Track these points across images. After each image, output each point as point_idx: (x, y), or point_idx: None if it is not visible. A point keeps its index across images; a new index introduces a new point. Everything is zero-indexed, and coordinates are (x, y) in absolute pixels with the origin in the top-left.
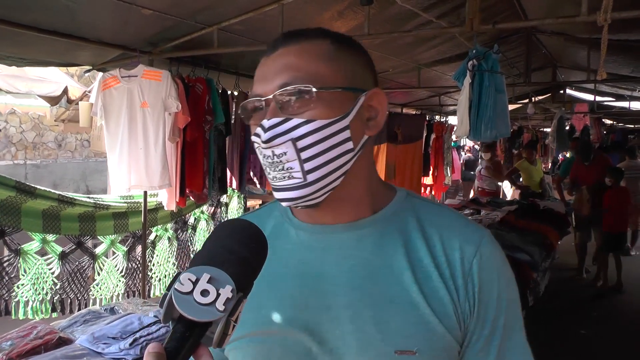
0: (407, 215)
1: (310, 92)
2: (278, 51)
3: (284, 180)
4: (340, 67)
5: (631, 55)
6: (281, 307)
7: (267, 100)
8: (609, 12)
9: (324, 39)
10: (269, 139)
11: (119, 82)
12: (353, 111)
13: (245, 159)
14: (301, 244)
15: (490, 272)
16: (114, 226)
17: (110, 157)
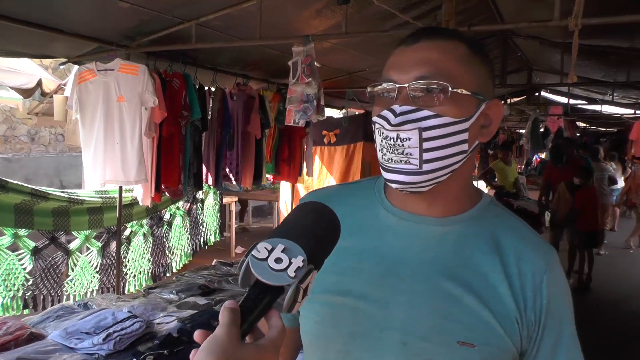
0: (487, 221)
1: (445, 90)
2: (418, 44)
3: (400, 163)
4: (472, 72)
5: (602, 60)
6: (359, 279)
7: (401, 87)
8: (580, 18)
9: (462, 42)
10: (399, 123)
11: (95, 75)
12: (475, 116)
13: (222, 155)
14: (389, 226)
15: (558, 287)
16: (89, 221)
17: (85, 151)
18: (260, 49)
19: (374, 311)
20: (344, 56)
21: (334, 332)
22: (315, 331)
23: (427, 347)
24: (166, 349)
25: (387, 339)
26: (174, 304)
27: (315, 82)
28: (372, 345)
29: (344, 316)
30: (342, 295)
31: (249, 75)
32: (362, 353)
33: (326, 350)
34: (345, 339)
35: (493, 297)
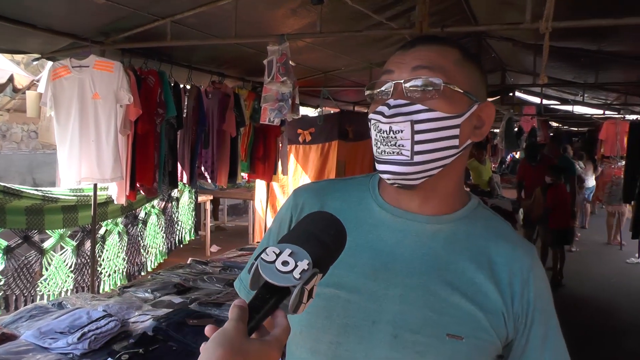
0: (476, 222)
1: (437, 84)
2: (415, 48)
3: (393, 155)
4: (466, 73)
5: (573, 62)
6: (352, 272)
7: (397, 84)
8: (550, 21)
9: (457, 48)
10: (392, 115)
11: (69, 72)
12: (466, 114)
13: (197, 153)
14: (382, 222)
15: (542, 281)
16: (63, 220)
17: (60, 149)
18: (235, 47)
19: (366, 304)
20: (319, 55)
21: (326, 323)
22: (307, 322)
23: (417, 339)
24: (141, 348)
25: (378, 331)
26: (149, 303)
27: (290, 80)
28: (363, 337)
29: (337, 308)
30: (336, 287)
31: (224, 73)
32: (353, 345)
33: (317, 340)
34: (338, 330)
35: (480, 293)
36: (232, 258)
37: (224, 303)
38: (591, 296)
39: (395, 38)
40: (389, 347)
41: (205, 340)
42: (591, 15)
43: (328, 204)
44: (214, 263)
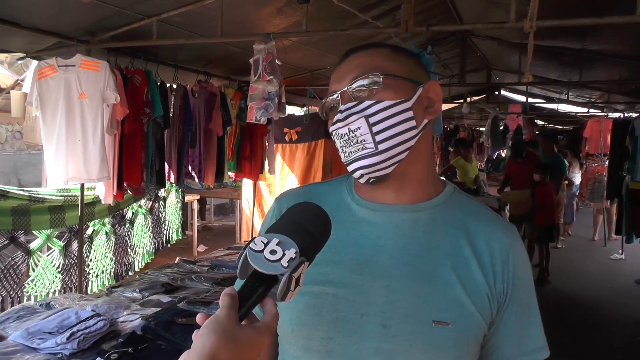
0: (454, 206)
1: (377, 79)
2: (348, 58)
3: (358, 152)
4: (399, 63)
5: (558, 60)
6: (338, 269)
7: (342, 92)
8: (535, 20)
9: (385, 47)
10: (345, 117)
11: (55, 71)
12: (414, 97)
13: (184, 153)
14: (362, 218)
15: (522, 260)
16: (50, 220)
17: (46, 149)
18: (221, 46)
19: (354, 298)
20: (305, 54)
21: (316, 319)
22: (297, 320)
23: (405, 328)
24: (131, 347)
25: (367, 323)
26: (138, 302)
27: (276, 79)
28: (353, 330)
29: (326, 304)
30: (323, 285)
31: (210, 72)
32: (344, 338)
33: (309, 337)
34: (328, 325)
35: (464, 276)
36: (220, 257)
37: (212, 302)
38: (576, 292)
39: (380, 37)
40: (378, 337)
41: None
42: (575, 14)
43: None
44: (201, 262)
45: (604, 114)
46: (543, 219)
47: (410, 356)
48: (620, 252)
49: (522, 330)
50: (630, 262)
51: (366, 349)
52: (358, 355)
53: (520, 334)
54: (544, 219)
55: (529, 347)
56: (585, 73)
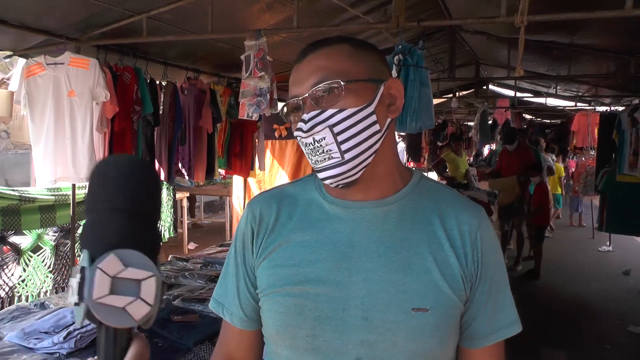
0: (422, 194)
1: (339, 86)
2: (307, 57)
3: (325, 161)
4: (360, 62)
5: (546, 55)
6: (316, 268)
7: (304, 98)
8: (526, 15)
9: (344, 42)
10: (310, 128)
11: (44, 69)
12: (376, 99)
13: (174, 150)
14: (335, 216)
15: (489, 240)
16: (41, 220)
17: (35, 148)
18: (210, 43)
19: (334, 294)
20: (295, 50)
21: (300, 319)
22: (281, 322)
23: (386, 317)
24: None
25: (349, 317)
26: None
27: (267, 75)
28: (337, 325)
29: (307, 303)
30: (302, 284)
31: (200, 69)
32: (328, 334)
33: (294, 337)
34: (312, 323)
35: (439, 260)
36: (213, 254)
37: (206, 299)
38: (565, 283)
39: (370, 32)
40: (362, 330)
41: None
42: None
43: (282, 210)
44: (194, 259)
45: (592, 108)
46: (540, 220)
47: (394, 344)
48: (608, 244)
49: (494, 307)
50: (618, 254)
51: (351, 342)
52: (343, 348)
53: (491, 311)
54: (541, 220)
55: (500, 323)
56: (574, 67)
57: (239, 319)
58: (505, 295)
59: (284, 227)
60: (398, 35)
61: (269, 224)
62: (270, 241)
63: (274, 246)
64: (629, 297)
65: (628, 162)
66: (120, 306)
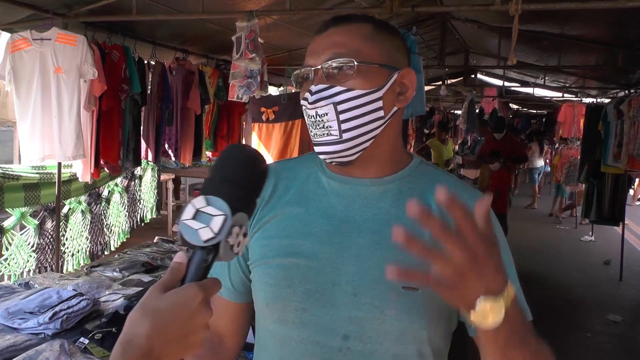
0: (420, 177)
1: (352, 65)
2: (328, 31)
3: (324, 136)
4: (378, 46)
5: (536, 45)
6: (308, 240)
7: (316, 70)
8: (520, 3)
9: (367, 22)
10: (315, 101)
11: (30, 44)
12: (386, 85)
13: (161, 131)
14: (331, 190)
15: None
16: (25, 198)
17: (21, 125)
18: (200, 24)
19: (325, 268)
20: (284, 33)
21: (289, 291)
22: (271, 293)
23: (375, 294)
24: (114, 327)
25: (339, 292)
26: (119, 282)
27: (258, 57)
28: (326, 300)
29: (298, 276)
30: (294, 256)
31: (188, 50)
32: (317, 309)
33: (283, 310)
34: (301, 296)
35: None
36: None
37: None
38: (547, 272)
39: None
40: (350, 306)
41: None
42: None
43: (280, 183)
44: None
45: (578, 99)
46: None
47: (382, 322)
48: (590, 234)
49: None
50: (599, 244)
51: (339, 318)
52: (331, 324)
53: None
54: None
55: None
56: (564, 58)
57: (225, 290)
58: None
59: (280, 200)
60: (390, 21)
61: (264, 196)
62: (265, 213)
63: (268, 217)
64: (609, 286)
65: (612, 153)
66: (195, 228)
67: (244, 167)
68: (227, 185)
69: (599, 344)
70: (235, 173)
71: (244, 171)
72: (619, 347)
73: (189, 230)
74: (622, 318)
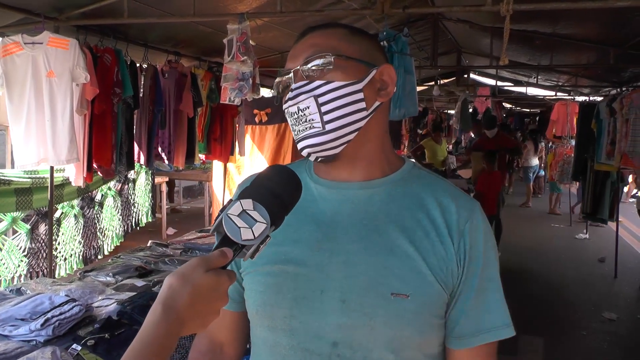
0: (412, 182)
1: (329, 59)
2: (305, 37)
3: (307, 130)
4: (355, 45)
5: (528, 44)
6: (297, 247)
7: (295, 71)
8: (511, 4)
9: (342, 27)
10: (295, 96)
11: (22, 48)
12: (366, 79)
13: (154, 134)
14: (319, 196)
15: (479, 234)
16: (17, 203)
17: (14, 129)
18: (192, 26)
19: (313, 275)
20: (276, 34)
21: (278, 298)
22: (261, 301)
23: (364, 301)
24: (107, 333)
25: (328, 299)
26: (112, 287)
27: (250, 60)
28: (315, 307)
29: (287, 283)
30: (283, 263)
31: (180, 52)
32: (306, 315)
33: (272, 317)
34: (290, 303)
35: (423, 247)
36: (192, 240)
37: None
38: (542, 270)
39: (354, 17)
40: (339, 312)
41: None
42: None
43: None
44: (174, 245)
45: (571, 98)
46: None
47: (371, 329)
48: (585, 231)
49: (481, 307)
50: (593, 242)
51: (328, 325)
52: (320, 331)
53: (479, 310)
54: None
55: (490, 323)
56: (556, 57)
57: None
58: (497, 295)
59: None
60: (382, 22)
61: None
62: None
63: None
64: (604, 284)
65: (605, 151)
66: (239, 226)
67: (291, 188)
68: (274, 198)
69: (594, 342)
70: (283, 190)
71: (289, 191)
72: (614, 344)
73: (232, 225)
74: (617, 316)
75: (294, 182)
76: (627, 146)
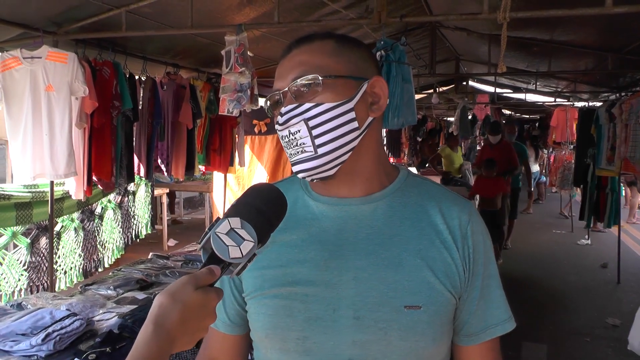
0: (410, 190)
1: (317, 81)
2: (291, 53)
3: (299, 154)
4: (343, 60)
5: (526, 51)
6: (304, 268)
7: (284, 92)
8: (508, 12)
9: (329, 39)
10: (285, 121)
11: (20, 63)
12: (357, 96)
13: (153, 146)
14: (321, 214)
15: (480, 235)
16: (17, 217)
17: (12, 144)
18: (190, 38)
19: (324, 294)
20: (274, 45)
21: (289, 321)
22: (270, 324)
23: (378, 316)
24: (109, 346)
25: (340, 317)
26: (113, 300)
27: (248, 71)
28: (327, 326)
29: (297, 304)
30: (291, 285)
31: (179, 64)
32: (319, 335)
33: (284, 339)
34: (302, 325)
35: (429, 257)
36: (193, 252)
37: None
38: (544, 276)
39: (351, 27)
40: (353, 330)
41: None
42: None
43: None
44: (175, 257)
45: (570, 103)
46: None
47: (387, 343)
48: (586, 237)
49: (486, 304)
50: (595, 247)
51: (342, 342)
52: (335, 350)
53: (484, 308)
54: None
55: (497, 319)
56: (554, 63)
57: (222, 323)
58: (499, 291)
59: None
60: (379, 31)
61: None
62: None
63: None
64: (607, 290)
65: (606, 156)
66: (227, 244)
67: (277, 206)
68: (261, 216)
69: (598, 349)
70: (269, 209)
71: (275, 209)
72: (619, 351)
73: (220, 243)
74: (621, 321)
75: (279, 201)
76: (627, 151)
